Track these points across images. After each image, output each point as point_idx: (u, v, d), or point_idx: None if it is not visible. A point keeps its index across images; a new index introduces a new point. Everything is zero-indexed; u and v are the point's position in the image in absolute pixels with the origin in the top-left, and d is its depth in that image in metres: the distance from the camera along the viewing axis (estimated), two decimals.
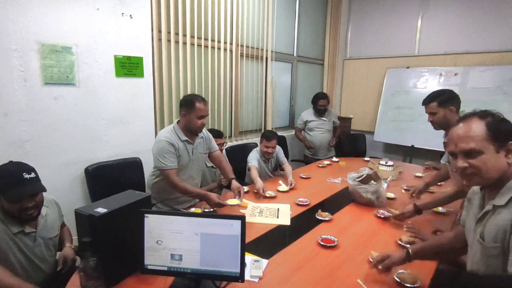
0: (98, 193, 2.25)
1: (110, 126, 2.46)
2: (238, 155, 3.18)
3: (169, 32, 2.74)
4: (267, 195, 2.33)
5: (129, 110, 2.55)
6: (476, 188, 1.18)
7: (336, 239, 1.64)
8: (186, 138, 2.10)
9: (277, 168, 3.13)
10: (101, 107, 2.39)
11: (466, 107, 2.14)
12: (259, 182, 2.40)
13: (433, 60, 4.38)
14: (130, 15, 2.44)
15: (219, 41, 3.20)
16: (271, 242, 1.69)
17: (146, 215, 1.18)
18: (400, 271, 1.35)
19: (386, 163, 3.19)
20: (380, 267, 1.31)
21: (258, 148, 3.01)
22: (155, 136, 2.74)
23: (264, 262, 1.44)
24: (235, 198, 2.11)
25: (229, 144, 3.44)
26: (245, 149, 3.22)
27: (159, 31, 2.67)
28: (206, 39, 3.08)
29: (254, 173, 2.58)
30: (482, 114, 1.03)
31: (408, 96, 4.51)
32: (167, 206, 2.17)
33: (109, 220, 1.16)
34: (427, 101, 2.05)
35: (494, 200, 1.02)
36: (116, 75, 2.44)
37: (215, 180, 2.69)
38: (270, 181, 2.70)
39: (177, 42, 2.82)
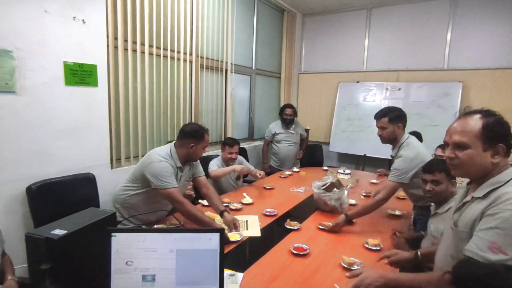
0: (43, 215, 1.98)
1: (59, 139, 2.23)
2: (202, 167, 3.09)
3: (126, 40, 2.61)
4: (232, 207, 2.28)
5: (81, 121, 2.35)
6: (464, 184, 1.25)
7: (307, 247, 1.65)
8: (180, 165, 2.02)
9: (240, 177, 3.11)
10: (48, 118, 2.16)
11: (409, 119, 2.34)
12: (237, 167, 2.72)
13: (379, 76, 4.76)
14: (83, 20, 2.28)
15: (178, 52, 3.12)
16: (244, 255, 1.65)
17: (113, 234, 1.07)
18: None
19: (344, 171, 3.35)
20: (386, 262, 1.39)
21: (219, 157, 2.97)
22: (110, 150, 2.58)
23: (240, 275, 1.40)
24: (232, 232, 1.85)
25: None
26: (207, 162, 3.14)
27: (115, 38, 2.53)
28: (165, 49, 2.99)
29: (220, 170, 2.73)
30: (485, 114, 1.08)
31: (358, 109, 4.82)
32: (135, 223, 2.01)
33: (70, 243, 1.04)
34: (379, 116, 2.16)
35: (474, 192, 1.10)
36: (65, 83, 2.24)
37: None
38: (233, 195, 2.66)
39: (134, 51, 2.70)
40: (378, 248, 1.71)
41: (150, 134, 2.92)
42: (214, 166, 2.84)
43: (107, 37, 2.45)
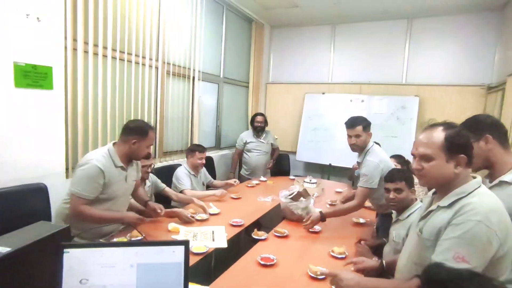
0: None
1: (7, 146, 2.04)
2: (164, 177, 2.98)
3: (86, 43, 2.47)
4: (198, 218, 2.22)
5: (34, 127, 2.16)
6: (430, 193, 1.29)
7: (274, 257, 1.63)
8: (122, 165, 1.92)
9: (204, 184, 3.06)
10: None
11: (372, 129, 2.43)
12: (219, 191, 2.73)
13: (343, 88, 4.95)
14: (38, 18, 2.13)
15: (144, 57, 3.02)
16: (210, 267, 1.59)
17: (66, 250, 0.98)
18: None
19: (310, 180, 3.40)
20: (352, 268, 1.44)
21: (184, 165, 2.90)
22: (66, 158, 2.41)
23: None
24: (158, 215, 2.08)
25: (157, 165, 3.21)
26: (172, 170, 3.04)
27: (75, 40, 2.38)
28: (129, 54, 2.87)
29: (192, 192, 2.70)
30: (447, 126, 1.14)
31: (324, 119, 4.96)
32: (87, 239, 1.86)
33: (15, 262, 0.93)
34: (354, 124, 2.20)
35: (440, 202, 1.14)
36: (15, 85, 2.06)
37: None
38: (200, 205, 2.57)
39: (96, 54, 2.56)
40: (344, 256, 1.73)
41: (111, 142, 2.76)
42: (185, 180, 2.76)
43: (65, 37, 2.30)
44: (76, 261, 0.98)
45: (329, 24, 5.03)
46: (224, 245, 1.80)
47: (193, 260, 1.60)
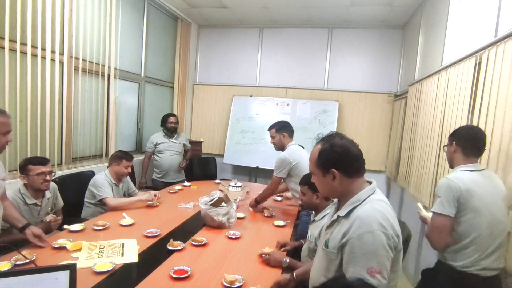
0: None
1: None
2: (72, 185, 2.65)
3: None
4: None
5: None
6: (335, 201, 1.30)
7: (189, 269, 1.54)
8: None
9: (125, 195, 2.80)
10: None
11: (295, 132, 2.78)
12: (145, 195, 2.61)
13: (270, 91, 5.06)
14: None
15: (43, 49, 2.63)
16: (115, 286, 1.42)
17: None
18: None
19: (235, 184, 3.37)
20: None
21: (106, 173, 2.61)
22: None
23: None
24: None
25: (59, 173, 2.82)
26: (81, 178, 2.72)
27: None
28: (24, 44, 2.47)
29: (123, 201, 2.55)
30: (322, 141, 1.18)
31: (252, 122, 5.01)
32: None
33: None
34: (270, 127, 2.75)
35: (339, 211, 1.16)
36: None
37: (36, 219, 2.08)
38: (110, 215, 2.33)
39: None
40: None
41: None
42: (106, 189, 2.47)
43: None
44: None
45: (257, 27, 5.11)
46: (134, 260, 1.64)
47: (96, 281, 1.42)
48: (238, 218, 2.39)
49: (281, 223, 2.38)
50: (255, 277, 1.55)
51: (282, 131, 2.67)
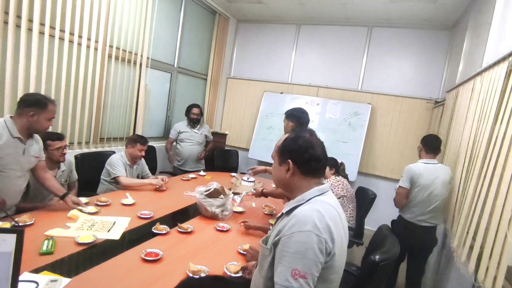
0: None
1: None
2: (93, 162, 2.88)
3: (6, 13, 2.32)
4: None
5: None
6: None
7: (161, 253, 1.58)
8: (19, 136, 1.82)
9: (139, 177, 2.97)
10: None
11: (323, 133, 2.68)
12: (155, 180, 2.74)
13: (302, 89, 4.97)
14: None
15: (80, 36, 2.88)
16: (86, 259, 1.52)
17: None
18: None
19: (248, 178, 3.38)
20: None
21: (122, 154, 2.80)
22: None
23: (65, 281, 1.27)
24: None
25: (85, 150, 3.09)
26: (102, 157, 2.93)
27: (6, 13, 2.24)
28: (62, 31, 2.73)
29: (135, 181, 2.72)
30: (293, 131, 1.18)
31: (280, 119, 4.93)
32: None
33: None
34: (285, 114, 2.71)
35: (284, 208, 1.13)
36: None
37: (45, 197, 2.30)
38: (114, 194, 2.48)
39: (18, 26, 2.41)
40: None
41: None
42: (120, 168, 2.67)
43: None
44: None
45: (294, 24, 5.02)
46: (116, 237, 1.74)
47: (74, 250, 1.54)
48: (236, 212, 2.40)
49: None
50: (223, 271, 1.55)
51: (289, 118, 2.58)
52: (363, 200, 3.13)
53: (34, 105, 1.81)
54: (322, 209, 1.02)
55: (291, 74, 5.11)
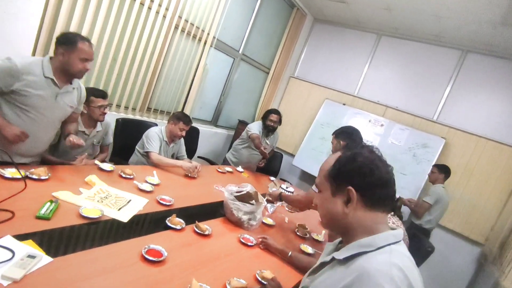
0: None
1: None
2: (132, 130, 2.75)
3: None
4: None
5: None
6: (336, 241, 0.94)
7: (166, 253, 1.33)
8: (52, 77, 1.67)
9: (173, 157, 2.80)
10: None
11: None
12: (188, 164, 2.47)
13: (367, 105, 4.47)
14: None
15: (152, 1, 2.77)
16: (81, 236, 1.32)
17: None
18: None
19: (287, 188, 3.05)
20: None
21: (162, 128, 2.64)
22: None
23: (44, 260, 1.06)
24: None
25: (129, 116, 3.00)
26: (142, 127, 2.80)
27: None
28: None
29: (165, 160, 2.49)
30: (347, 147, 0.86)
31: None
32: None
33: None
34: (333, 133, 2.25)
35: (336, 252, 0.81)
36: None
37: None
38: (141, 169, 2.28)
39: None
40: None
41: (88, 76, 2.56)
42: (155, 142, 2.50)
43: None
44: None
45: (374, 33, 4.53)
46: (124, 219, 1.52)
47: (74, 222, 1.34)
48: (265, 224, 2.09)
49: (309, 249, 1.97)
50: None
51: (339, 137, 2.17)
52: (415, 251, 2.60)
53: (64, 43, 1.65)
54: (403, 265, 0.67)
55: (359, 86, 4.62)
